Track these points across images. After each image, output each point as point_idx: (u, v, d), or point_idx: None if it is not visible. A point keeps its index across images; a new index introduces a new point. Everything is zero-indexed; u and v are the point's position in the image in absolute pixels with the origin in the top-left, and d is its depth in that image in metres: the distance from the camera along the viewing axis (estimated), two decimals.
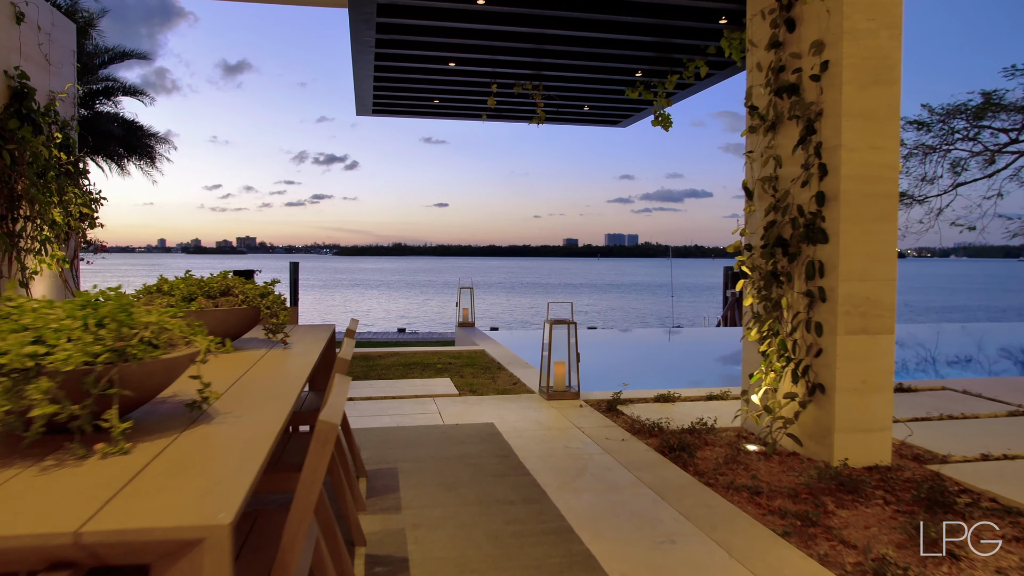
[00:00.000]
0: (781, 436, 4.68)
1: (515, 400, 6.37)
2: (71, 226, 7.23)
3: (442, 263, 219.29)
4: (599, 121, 10.42)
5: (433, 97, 9.09)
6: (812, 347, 4.55)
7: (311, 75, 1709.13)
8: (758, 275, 4.94)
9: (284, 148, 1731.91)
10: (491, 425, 5.40)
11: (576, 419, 5.64)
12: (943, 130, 16.47)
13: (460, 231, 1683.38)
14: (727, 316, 23.70)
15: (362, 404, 6.19)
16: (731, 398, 6.45)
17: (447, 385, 7.06)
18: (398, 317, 37.40)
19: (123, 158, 20.18)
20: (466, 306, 12.87)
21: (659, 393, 6.50)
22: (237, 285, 3.42)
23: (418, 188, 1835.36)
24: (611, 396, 6.32)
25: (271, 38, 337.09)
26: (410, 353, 9.35)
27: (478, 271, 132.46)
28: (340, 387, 2.07)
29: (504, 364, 8.35)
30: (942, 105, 16.44)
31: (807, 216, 4.55)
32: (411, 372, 7.91)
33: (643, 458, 4.56)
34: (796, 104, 4.62)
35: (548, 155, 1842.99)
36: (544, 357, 6.47)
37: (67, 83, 7.28)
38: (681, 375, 9.53)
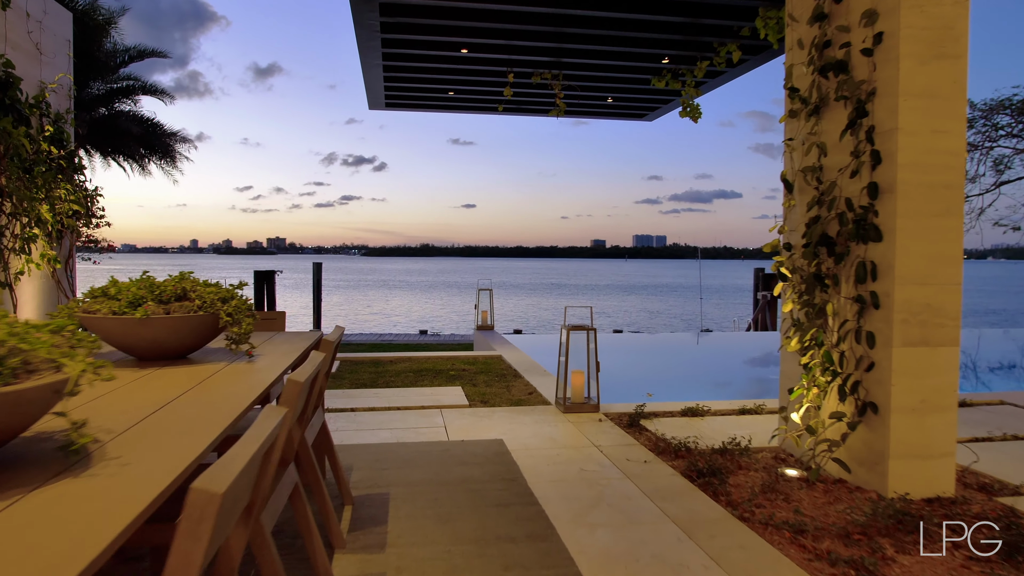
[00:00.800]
0: (826, 461, 4.12)
1: (529, 413, 5.86)
2: (64, 224, 6.89)
3: (469, 264, 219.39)
4: (624, 114, 9.87)
5: (447, 88, 8.62)
6: (862, 360, 3.98)
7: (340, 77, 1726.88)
8: (799, 278, 4.38)
9: (314, 150, 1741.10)
10: (500, 442, 4.90)
11: (594, 436, 5.11)
12: (985, 126, 15.61)
13: (487, 232, 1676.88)
14: (757, 319, 22.93)
15: (364, 416, 5.74)
16: (766, 412, 5.88)
17: (457, 395, 6.57)
18: (421, 319, 37.07)
19: (144, 158, 20.08)
20: (485, 308, 12.40)
21: (686, 406, 5.94)
22: (196, 288, 2.96)
23: (446, 189, 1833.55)
24: (633, 409, 5.78)
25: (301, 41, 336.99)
26: (422, 359, 8.89)
27: (504, 272, 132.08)
28: (258, 425, 1.58)
29: (521, 371, 7.85)
30: (984, 100, 15.58)
31: (857, 211, 3.98)
32: (421, 380, 7.45)
33: (668, 485, 4.03)
34: (844, 83, 4.06)
35: (576, 156, 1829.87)
36: (561, 365, 5.96)
37: (63, 74, 6.95)
38: (710, 384, 8.95)
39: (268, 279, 23.71)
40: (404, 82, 8.33)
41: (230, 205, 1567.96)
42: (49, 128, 6.60)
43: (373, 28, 6.22)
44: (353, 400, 6.30)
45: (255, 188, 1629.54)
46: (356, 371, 7.96)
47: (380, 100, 9.15)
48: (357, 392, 6.70)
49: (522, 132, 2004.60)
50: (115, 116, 17.67)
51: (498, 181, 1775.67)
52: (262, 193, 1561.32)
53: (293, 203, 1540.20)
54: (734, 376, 9.95)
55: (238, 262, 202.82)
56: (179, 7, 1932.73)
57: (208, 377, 2.60)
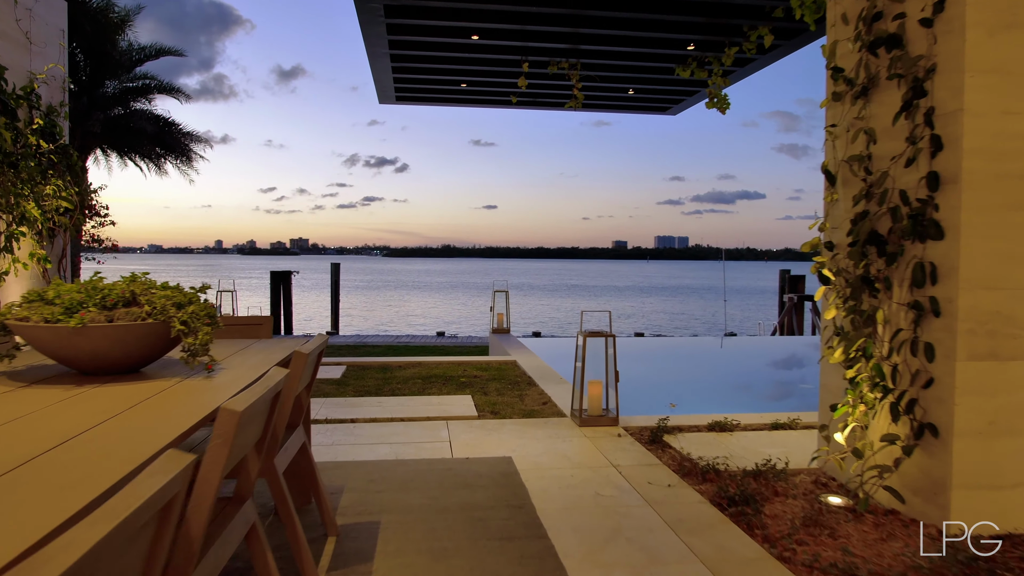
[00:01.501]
0: (876, 489, 3.62)
1: (542, 426, 5.41)
2: (56, 222, 6.57)
3: (490, 265, 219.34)
4: (646, 108, 9.38)
5: (459, 80, 8.20)
6: (919, 375, 3.48)
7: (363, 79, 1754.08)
8: (843, 281, 3.89)
9: (336, 151, 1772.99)
10: (508, 460, 4.45)
11: (612, 453, 4.65)
12: None
13: (509, 233, 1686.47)
14: (784, 323, 22.26)
15: (364, 428, 5.33)
16: (801, 427, 5.37)
17: (466, 405, 6.14)
18: (439, 320, 36.74)
19: (160, 157, 19.93)
20: (501, 311, 11.96)
21: (713, 419, 5.45)
22: (147, 292, 2.56)
23: (467, 190, 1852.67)
24: (656, 423, 5.31)
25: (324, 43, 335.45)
26: (433, 364, 8.48)
27: (525, 273, 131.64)
28: (151, 478, 1.16)
29: (535, 379, 7.40)
30: None
31: (913, 204, 3.48)
32: (430, 387, 7.03)
33: (695, 514, 3.56)
34: (898, 60, 3.56)
35: (597, 157, 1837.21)
36: (577, 373, 5.50)
37: (54, 64, 6.63)
38: (738, 394, 8.42)
39: (284, 280, 23.51)
40: (413, 72, 7.92)
41: (254, 206, 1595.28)
42: (39, 121, 6.26)
43: (376, 12, 5.82)
44: (354, 410, 5.89)
45: (279, 189, 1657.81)
46: (362, 377, 7.56)
47: (390, 93, 8.76)
48: (360, 401, 6.30)
49: (543, 133, 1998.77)
50: (129, 115, 17.51)
51: (519, 182, 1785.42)
52: (285, 194, 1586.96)
53: (316, 204, 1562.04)
54: (763, 385, 9.41)
55: (261, 262, 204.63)
56: (204, 11, 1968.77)
57: (148, 398, 2.19)
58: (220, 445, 1.67)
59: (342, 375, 7.64)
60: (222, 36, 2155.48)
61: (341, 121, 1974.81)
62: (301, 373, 2.68)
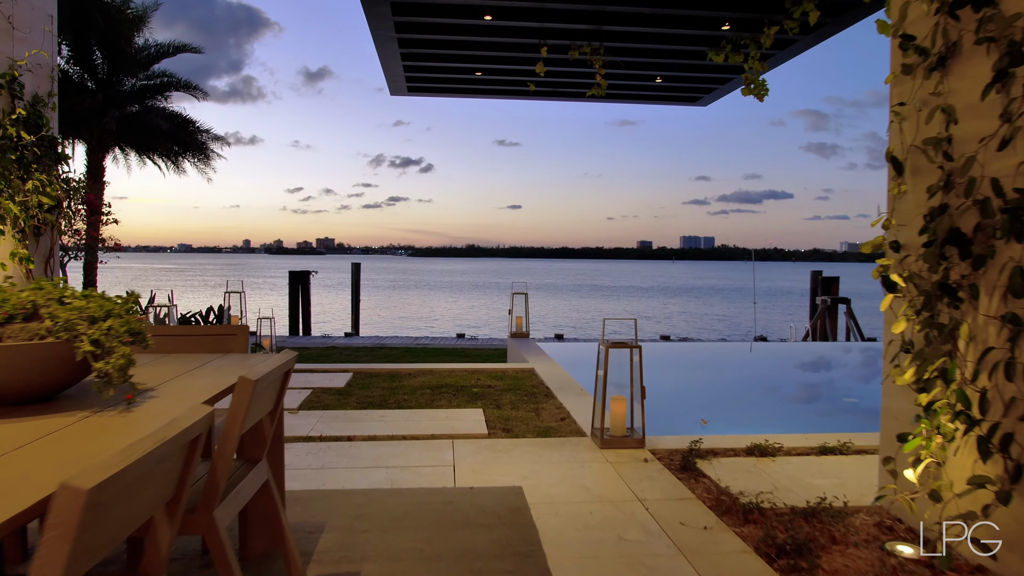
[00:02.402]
0: (959, 541, 3.00)
1: (559, 447, 4.84)
2: (41, 220, 6.14)
3: (514, 265, 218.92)
4: (674, 98, 8.76)
5: (473, 68, 7.65)
6: (1015, 404, 2.86)
7: None
8: (915, 288, 3.26)
9: (362, 152, 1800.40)
10: (518, 492, 3.89)
11: (638, 483, 4.07)
12: None
13: (533, 233, 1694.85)
14: (816, 327, 21.39)
15: (361, 448, 4.80)
16: (853, 451, 4.74)
17: (476, 420, 5.59)
18: (460, 321, 36.25)
19: (178, 156, 19.68)
20: (520, 314, 11.41)
21: (752, 442, 4.84)
22: (50, 304, 2.03)
23: (492, 190, 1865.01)
24: (687, 445, 4.72)
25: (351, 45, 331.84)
26: (445, 372, 7.94)
27: (548, 273, 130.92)
28: None
29: (553, 390, 6.83)
30: None
31: (1009, 195, 2.85)
32: (439, 398, 6.49)
33: (738, 569, 2.97)
34: (988, 20, 2.94)
35: (622, 157, 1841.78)
36: (598, 388, 4.92)
37: (37, 51, 6.20)
38: (775, 408, 7.72)
39: (303, 280, 23.17)
40: (424, 59, 7.39)
41: (281, 206, 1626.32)
42: (21, 111, 5.83)
43: None
44: (353, 425, 5.37)
45: (305, 189, 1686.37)
46: (368, 386, 7.05)
47: (401, 83, 8.24)
48: (361, 415, 5.78)
49: (568, 133, 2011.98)
50: (144, 112, 17.23)
51: (544, 182, 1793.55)
52: (312, 194, 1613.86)
53: (342, 204, 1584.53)
54: (802, 398, 8.67)
55: (287, 262, 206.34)
56: (234, 14, 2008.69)
57: (20, 446, 1.66)
58: (57, 539, 1.12)
59: (347, 384, 7.13)
60: (250, 39, 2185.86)
61: (367, 122, 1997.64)
62: (246, 405, 2.14)
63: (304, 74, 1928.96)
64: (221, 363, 2.96)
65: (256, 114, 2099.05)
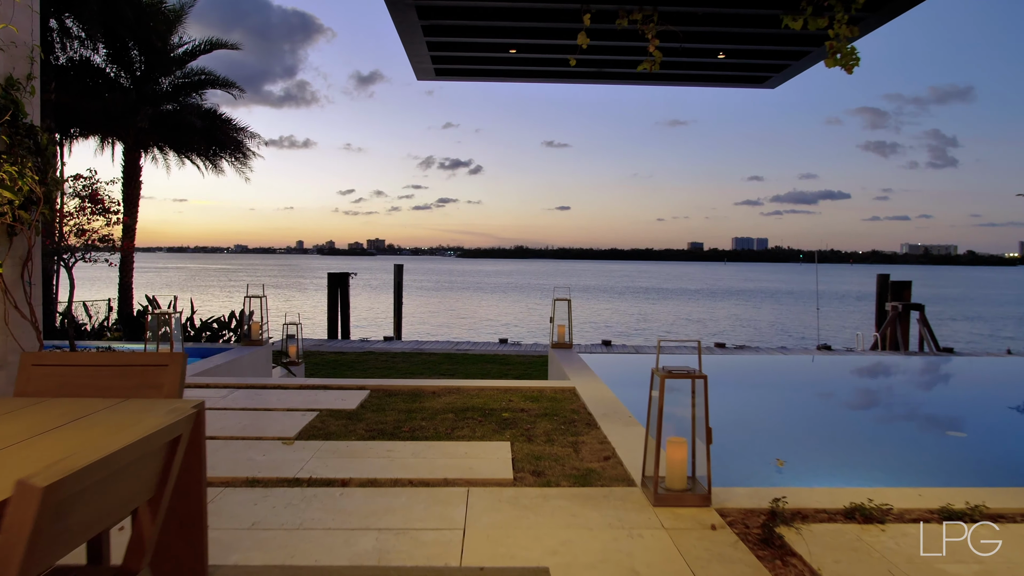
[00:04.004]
0: None
1: (600, 502, 3.84)
2: (16, 218, 5.43)
3: (562, 266, 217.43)
4: (739, 78, 7.64)
5: (506, 44, 6.69)
6: None
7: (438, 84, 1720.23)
8: None
9: (412, 154, 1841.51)
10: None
11: (707, 567, 3.04)
12: None
13: (582, 234, 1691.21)
14: (885, 334, 19.78)
15: (354, 497, 3.88)
16: (988, 516, 3.61)
17: (501, 458, 4.63)
18: (504, 324, 35.35)
19: (215, 155, 19.28)
20: (562, 322, 10.40)
21: (851, 501, 3.75)
22: None
23: (540, 191, 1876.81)
24: (767, 504, 3.67)
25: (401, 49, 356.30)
26: (474, 390, 7.00)
27: (596, 274, 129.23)
28: None
29: (597, 416, 5.82)
30: None
31: None
32: (461, 425, 5.56)
33: None
34: None
35: (672, 157, 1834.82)
36: (651, 426, 3.91)
37: (19, 32, 5.50)
38: (864, 443, 6.37)
39: (342, 282, 22.59)
40: (450, 34, 6.46)
41: (333, 208, 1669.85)
42: None
43: None
44: (352, 464, 4.47)
45: (357, 191, 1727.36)
46: (383, 407, 6.16)
47: (427, 65, 7.34)
48: (366, 447, 4.87)
49: (617, 133, 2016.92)
50: (178, 111, 16.82)
51: (593, 183, 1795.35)
52: (363, 196, 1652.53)
53: (392, 206, 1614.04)
54: (894, 429, 7.28)
55: (338, 262, 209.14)
56: (289, 21, 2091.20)
57: None
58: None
59: (359, 404, 6.26)
60: (304, 44, 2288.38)
61: (417, 124, 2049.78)
62: (27, 533, 1.22)
63: (356, 78, 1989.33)
64: (127, 410, 2.06)
65: (309, 118, 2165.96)
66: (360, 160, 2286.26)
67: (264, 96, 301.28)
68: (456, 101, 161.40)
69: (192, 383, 7.08)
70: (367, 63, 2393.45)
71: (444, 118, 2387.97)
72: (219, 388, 6.92)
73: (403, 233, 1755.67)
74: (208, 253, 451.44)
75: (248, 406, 6.16)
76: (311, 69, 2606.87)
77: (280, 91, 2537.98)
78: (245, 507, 3.69)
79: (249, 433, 5.23)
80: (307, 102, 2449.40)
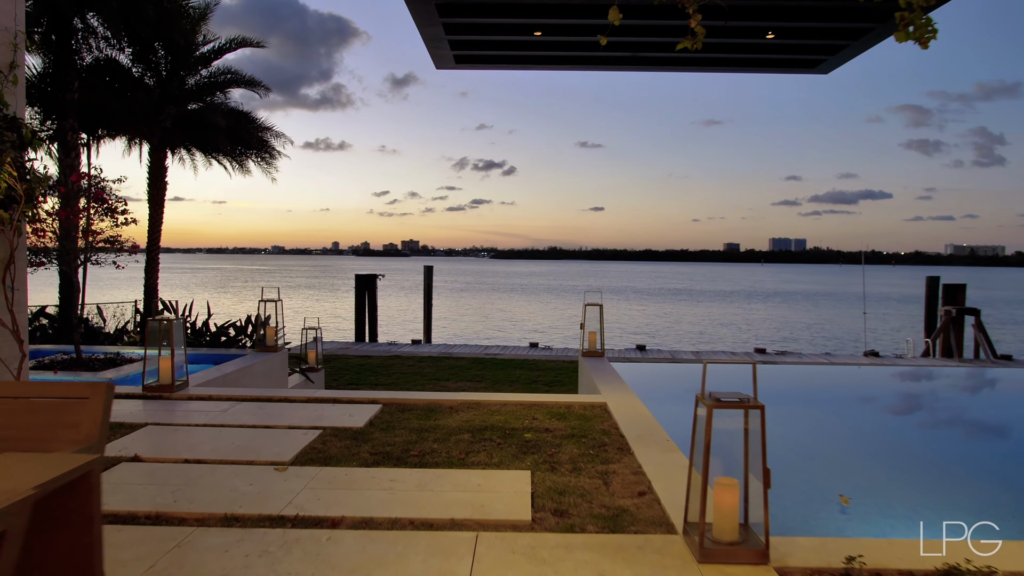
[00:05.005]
0: None
1: (633, 557, 3.19)
2: None
3: (596, 267, 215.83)
4: (789, 62, 6.90)
5: (531, 26, 6.07)
6: None
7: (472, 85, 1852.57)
8: None
9: (446, 155, 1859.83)
10: None
11: None
12: None
13: (615, 235, 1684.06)
14: (937, 341, 18.66)
15: (342, 543, 3.30)
16: None
17: (519, 492, 4.01)
18: (535, 327, 34.70)
19: (241, 155, 19.01)
20: (593, 328, 9.75)
21: (946, 562, 3.06)
22: None
23: (573, 192, 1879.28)
24: (840, 563, 3.00)
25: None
26: (495, 405, 6.40)
27: (631, 275, 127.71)
28: None
29: (630, 439, 5.18)
30: None
31: None
32: (478, 448, 4.96)
33: None
34: None
35: (707, 157, 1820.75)
36: (695, 457, 3.27)
37: None
38: (944, 474, 5.50)
39: (369, 285, 22.19)
40: (469, 14, 5.85)
41: (368, 209, 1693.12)
42: None
43: None
44: (348, 497, 3.89)
45: (391, 193, 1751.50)
46: (393, 426, 5.59)
47: (445, 52, 6.75)
48: (367, 476, 4.29)
49: (651, 134, 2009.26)
50: (202, 109, 16.53)
51: (626, 183, 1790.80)
52: (398, 198, 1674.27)
53: (426, 207, 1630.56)
54: (974, 452, 6.35)
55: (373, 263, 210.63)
56: (325, 25, 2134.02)
57: None
58: None
59: (368, 422, 5.69)
60: (340, 48, 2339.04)
61: (451, 126, 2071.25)
62: None
63: (390, 80, 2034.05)
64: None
65: (345, 120, 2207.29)
66: (395, 162, 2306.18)
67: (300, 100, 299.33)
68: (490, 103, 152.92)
69: (194, 395, 6.60)
70: (401, 65, 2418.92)
71: (478, 119, 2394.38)
72: (220, 401, 6.43)
73: (437, 234, 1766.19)
74: (246, 254, 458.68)
75: (247, 422, 5.65)
76: (346, 72, 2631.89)
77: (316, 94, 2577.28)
78: (214, 554, 3.14)
79: (241, 456, 4.70)
80: (342, 105, 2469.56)
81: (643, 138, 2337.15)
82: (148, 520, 3.59)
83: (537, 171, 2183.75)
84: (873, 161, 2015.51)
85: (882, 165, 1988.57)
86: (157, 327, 6.62)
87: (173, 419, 5.78)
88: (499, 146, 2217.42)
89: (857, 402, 8.56)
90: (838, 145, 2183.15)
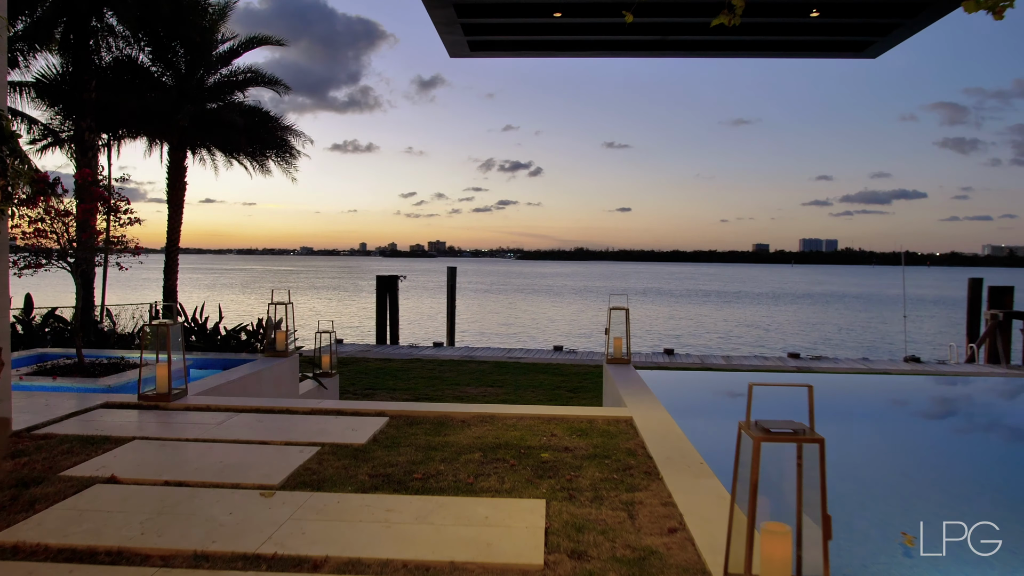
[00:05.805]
0: None
1: None
2: None
3: (623, 268, 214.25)
4: (835, 44, 6.29)
5: (550, 7, 5.56)
6: None
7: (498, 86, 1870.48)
8: None
9: (473, 156, 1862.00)
10: None
11: None
12: None
13: (643, 236, 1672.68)
14: (983, 345, 17.76)
15: None
16: None
17: (531, 528, 3.51)
18: (560, 330, 34.12)
19: (261, 155, 18.78)
20: (619, 334, 9.20)
21: None
22: None
23: (600, 193, 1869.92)
24: None
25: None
26: (511, 419, 5.90)
27: (658, 277, 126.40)
28: None
29: (659, 462, 4.64)
30: None
31: None
32: (488, 471, 4.46)
33: None
34: None
35: (736, 156, 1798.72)
36: (738, 492, 2.74)
37: None
38: (1007, 500, 4.91)
39: (391, 286, 21.85)
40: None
41: (395, 210, 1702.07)
42: None
43: None
44: (337, 529, 3.42)
45: (418, 194, 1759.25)
46: (398, 443, 5.12)
47: (459, 38, 6.27)
48: (361, 504, 3.82)
49: (679, 134, 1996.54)
50: (221, 108, 16.29)
51: (654, 184, 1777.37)
52: (424, 199, 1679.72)
53: (453, 208, 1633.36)
54: None
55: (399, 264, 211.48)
56: (353, 28, 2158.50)
57: None
58: None
59: (372, 437, 5.23)
60: (368, 51, 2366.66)
61: (477, 127, 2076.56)
62: None
63: (417, 82, 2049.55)
64: None
65: (372, 122, 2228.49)
66: (421, 163, 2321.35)
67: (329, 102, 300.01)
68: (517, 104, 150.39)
69: (191, 404, 6.20)
70: (428, 68, 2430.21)
71: (504, 121, 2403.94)
72: (219, 412, 6.01)
73: (463, 235, 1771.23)
74: (275, 255, 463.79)
75: (242, 437, 5.22)
76: (374, 75, 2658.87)
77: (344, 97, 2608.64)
78: None
79: (226, 477, 4.26)
80: (370, 107, 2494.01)
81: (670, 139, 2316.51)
82: (108, 558, 3.15)
83: (564, 172, 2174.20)
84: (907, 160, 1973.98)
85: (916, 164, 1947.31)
86: (154, 332, 6.24)
87: (163, 432, 5.37)
88: (525, 147, 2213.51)
89: (909, 416, 7.89)
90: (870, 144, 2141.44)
